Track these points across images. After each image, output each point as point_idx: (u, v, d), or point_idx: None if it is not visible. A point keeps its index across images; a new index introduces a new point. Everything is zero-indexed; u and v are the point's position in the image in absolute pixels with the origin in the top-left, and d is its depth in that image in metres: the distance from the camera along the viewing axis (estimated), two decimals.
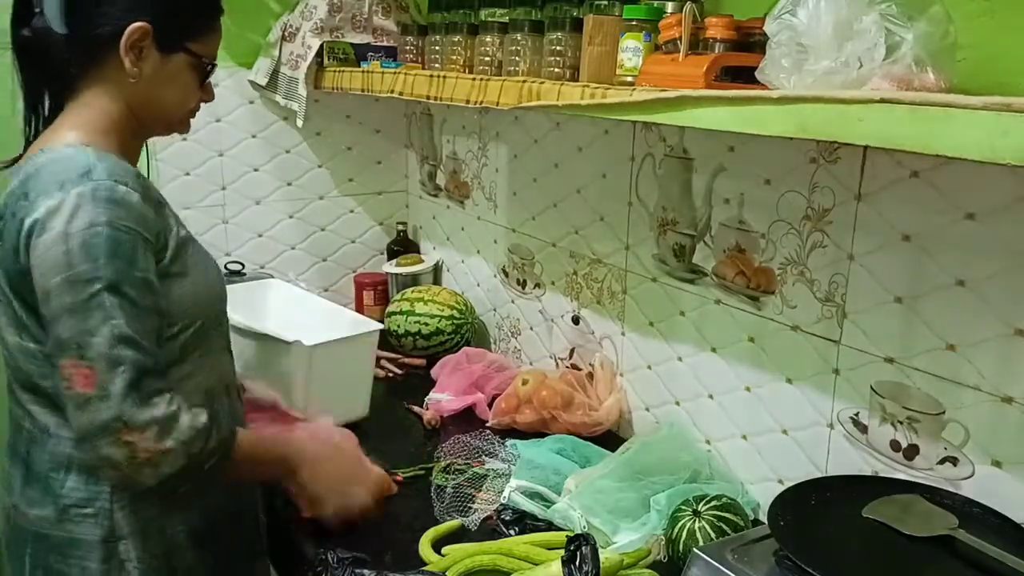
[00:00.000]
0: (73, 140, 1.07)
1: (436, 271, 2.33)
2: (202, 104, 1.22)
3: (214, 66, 1.18)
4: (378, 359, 1.90)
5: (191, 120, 1.23)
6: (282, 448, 1.22)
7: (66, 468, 1.10)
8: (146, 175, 1.24)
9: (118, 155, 1.09)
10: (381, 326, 1.77)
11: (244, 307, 1.51)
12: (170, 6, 1.11)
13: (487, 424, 1.70)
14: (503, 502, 1.39)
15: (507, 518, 1.37)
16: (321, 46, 1.99)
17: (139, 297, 1.01)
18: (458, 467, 1.51)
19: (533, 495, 1.39)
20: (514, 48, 1.41)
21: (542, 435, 1.63)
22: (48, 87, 1.15)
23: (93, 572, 1.10)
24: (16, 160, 1.14)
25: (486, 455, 1.54)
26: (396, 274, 2.26)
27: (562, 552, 1.26)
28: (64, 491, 1.10)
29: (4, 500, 1.16)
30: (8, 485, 1.15)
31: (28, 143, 1.15)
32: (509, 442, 1.57)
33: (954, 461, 1.14)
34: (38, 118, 1.16)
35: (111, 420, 0.97)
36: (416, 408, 1.78)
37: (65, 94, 1.12)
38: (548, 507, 1.37)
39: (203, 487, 1.13)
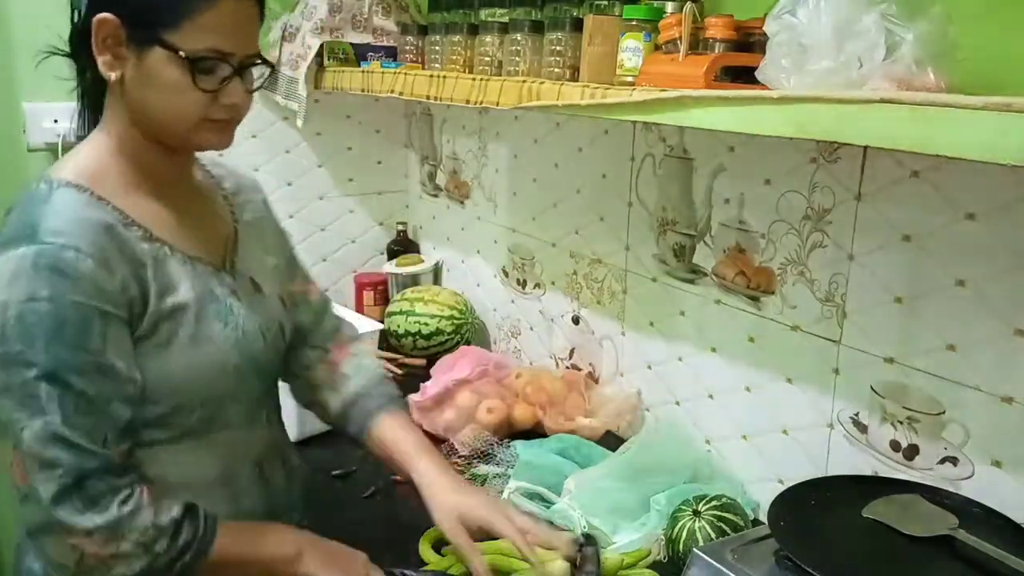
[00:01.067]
0: (62, 172, 0.94)
1: (436, 271, 2.33)
2: (241, 110, 0.98)
3: (208, 59, 0.92)
4: (378, 359, 1.90)
5: (228, 131, 0.99)
6: (278, 534, 1.03)
7: (33, 537, 0.96)
8: None
9: (129, 187, 0.95)
10: (381, 326, 1.78)
11: None
12: None
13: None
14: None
15: None
16: (321, 46, 1.99)
17: (87, 385, 0.86)
18: (458, 467, 1.51)
19: (533, 496, 1.39)
20: (514, 48, 1.41)
21: (544, 436, 1.63)
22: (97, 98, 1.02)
23: None
24: None
25: (486, 456, 1.54)
26: (396, 274, 2.26)
27: (562, 552, 1.26)
28: (24, 566, 0.99)
29: (15, 535, 1.05)
30: (19, 541, 1.04)
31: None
32: (509, 443, 1.57)
33: (954, 461, 1.14)
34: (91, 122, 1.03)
35: (46, 524, 0.86)
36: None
37: (98, 118, 1.01)
38: (548, 507, 1.37)
39: None
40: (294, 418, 1.63)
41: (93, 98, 1.02)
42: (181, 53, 0.91)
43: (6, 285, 0.85)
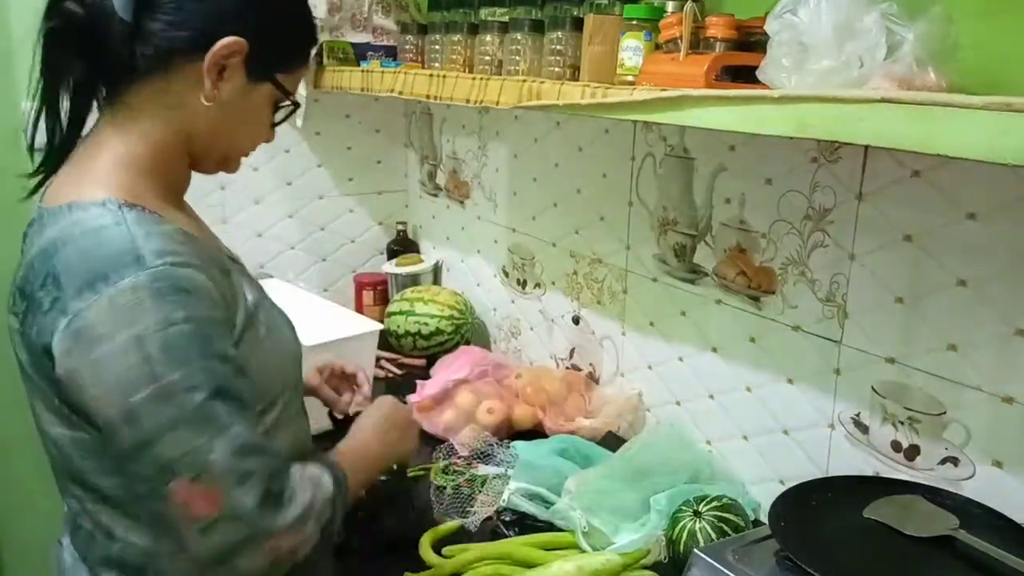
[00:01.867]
0: (104, 192, 0.85)
1: (436, 271, 2.33)
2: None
3: (297, 106, 0.99)
4: (378, 359, 1.90)
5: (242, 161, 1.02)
6: (373, 460, 1.09)
7: (119, 568, 0.93)
8: None
9: (161, 202, 0.90)
10: (381, 326, 1.77)
11: None
12: (273, 25, 0.92)
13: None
14: (502, 504, 1.38)
15: (507, 519, 1.37)
16: (321, 45, 1.99)
17: (242, 392, 0.85)
18: (458, 468, 1.51)
19: (533, 496, 1.39)
20: (514, 47, 1.41)
21: (544, 436, 1.63)
22: (89, 86, 0.92)
23: None
24: (37, 188, 0.93)
25: (486, 456, 1.54)
26: (396, 274, 2.26)
27: (562, 553, 1.26)
28: None
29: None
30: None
31: (54, 158, 0.93)
32: (509, 444, 1.57)
33: (955, 461, 1.14)
34: (61, 125, 0.92)
35: (250, 537, 0.83)
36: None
37: (110, 109, 0.91)
38: (548, 507, 1.36)
39: None
40: None
41: (79, 104, 0.92)
42: (290, 98, 0.96)
43: (129, 321, 0.78)
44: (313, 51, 1.02)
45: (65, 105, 0.92)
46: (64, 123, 0.92)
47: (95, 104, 0.93)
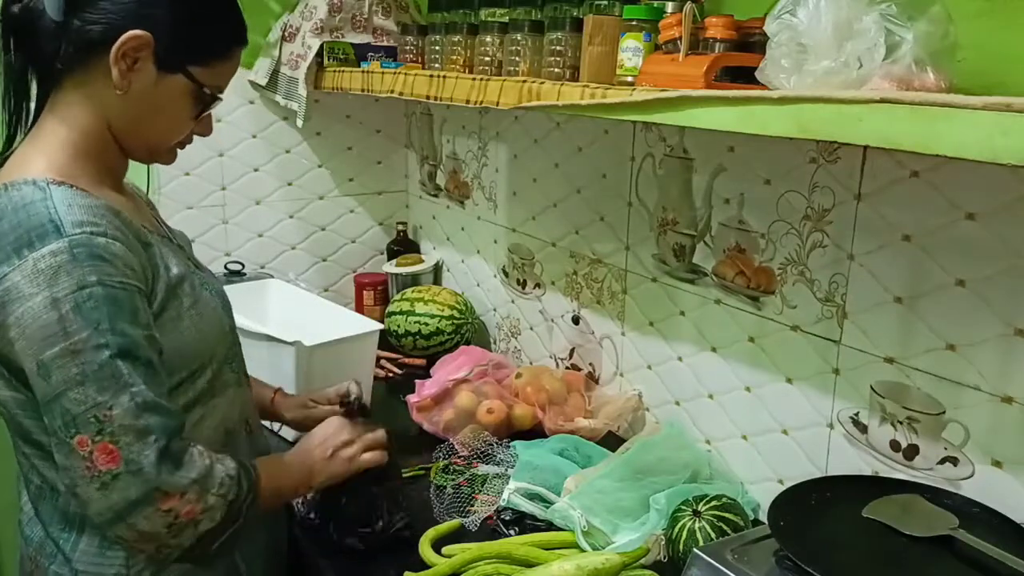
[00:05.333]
0: (38, 172, 0.94)
1: (436, 271, 2.33)
2: (204, 137, 1.11)
3: (217, 99, 1.05)
4: (378, 359, 1.90)
5: (178, 151, 1.10)
6: (299, 463, 1.15)
7: (78, 529, 1.01)
8: (146, 177, 1.19)
9: (95, 183, 0.98)
10: (381, 326, 1.77)
11: (244, 308, 1.51)
12: (180, 19, 0.98)
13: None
14: (502, 504, 1.39)
15: (507, 518, 1.37)
16: (321, 46, 1.99)
17: (150, 355, 0.93)
18: (458, 467, 1.51)
19: (533, 496, 1.39)
20: (514, 48, 1.41)
21: (544, 436, 1.63)
22: (35, 76, 1.02)
23: None
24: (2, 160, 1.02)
25: (486, 456, 1.54)
26: (396, 274, 2.26)
27: (562, 552, 1.26)
28: (76, 555, 1.01)
29: (24, 550, 1.08)
30: (27, 536, 1.07)
31: (9, 141, 1.03)
32: (509, 443, 1.57)
33: (954, 461, 1.14)
34: (22, 111, 1.03)
35: (148, 493, 0.89)
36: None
37: (49, 92, 1.01)
38: (548, 507, 1.37)
39: (223, 550, 1.05)
40: None
41: (19, 93, 1.02)
42: (206, 89, 1.02)
43: (48, 282, 0.87)
44: (238, 48, 1.06)
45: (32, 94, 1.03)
46: (11, 111, 1.03)
47: (32, 95, 1.03)
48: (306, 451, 1.17)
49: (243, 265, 2.17)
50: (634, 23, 1.16)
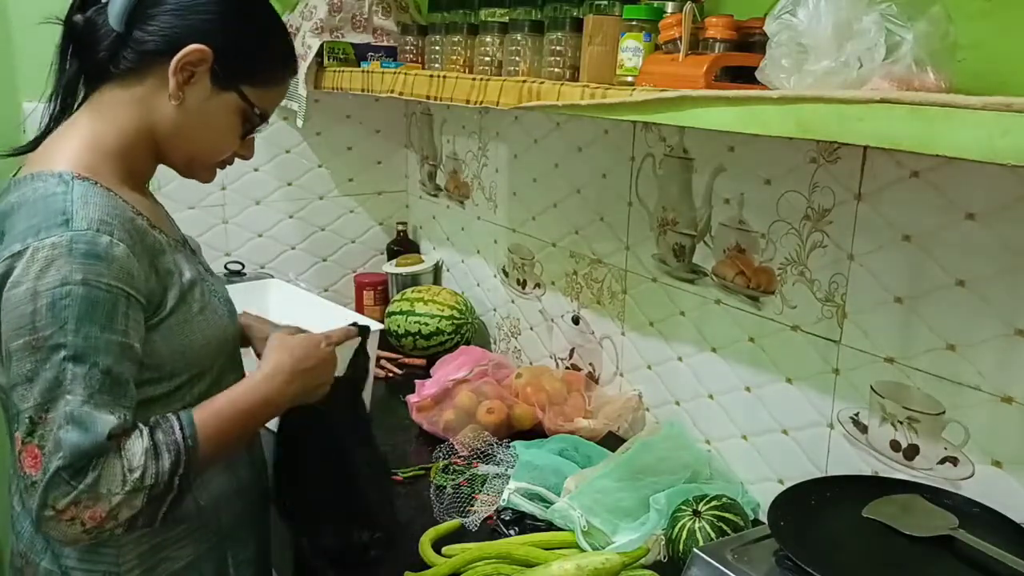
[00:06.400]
0: (64, 166, 0.95)
1: (436, 271, 2.33)
2: (246, 159, 1.12)
3: (264, 121, 1.08)
4: (378, 359, 1.90)
5: (217, 171, 1.11)
6: (253, 392, 1.05)
7: (40, 530, 0.97)
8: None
9: (119, 182, 0.99)
10: (381, 326, 1.77)
11: (244, 308, 1.51)
12: (239, 40, 1.02)
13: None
14: (502, 504, 1.39)
15: (507, 518, 1.37)
16: (321, 46, 1.99)
17: (113, 364, 0.90)
18: (458, 467, 1.51)
19: (532, 496, 1.39)
20: (514, 48, 1.41)
21: (544, 436, 1.63)
22: (84, 82, 1.05)
23: None
24: (27, 149, 1.04)
25: (486, 456, 1.54)
26: (396, 274, 2.26)
27: (562, 552, 1.26)
28: (66, 551, 1.01)
29: (15, 545, 1.08)
30: (17, 531, 1.07)
31: (40, 136, 1.05)
32: (509, 443, 1.57)
33: (954, 461, 1.14)
34: (65, 114, 1.05)
35: (43, 507, 0.88)
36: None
37: (93, 93, 1.03)
38: (548, 507, 1.37)
39: (218, 541, 1.08)
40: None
41: (67, 93, 1.05)
42: (256, 110, 1.05)
43: (38, 273, 0.88)
44: (289, 76, 1.11)
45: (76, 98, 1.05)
46: (53, 114, 1.05)
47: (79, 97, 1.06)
48: (259, 371, 1.09)
49: (243, 265, 2.17)
50: (634, 23, 1.16)
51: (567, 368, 1.87)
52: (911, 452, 1.19)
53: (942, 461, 1.15)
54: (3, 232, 0.93)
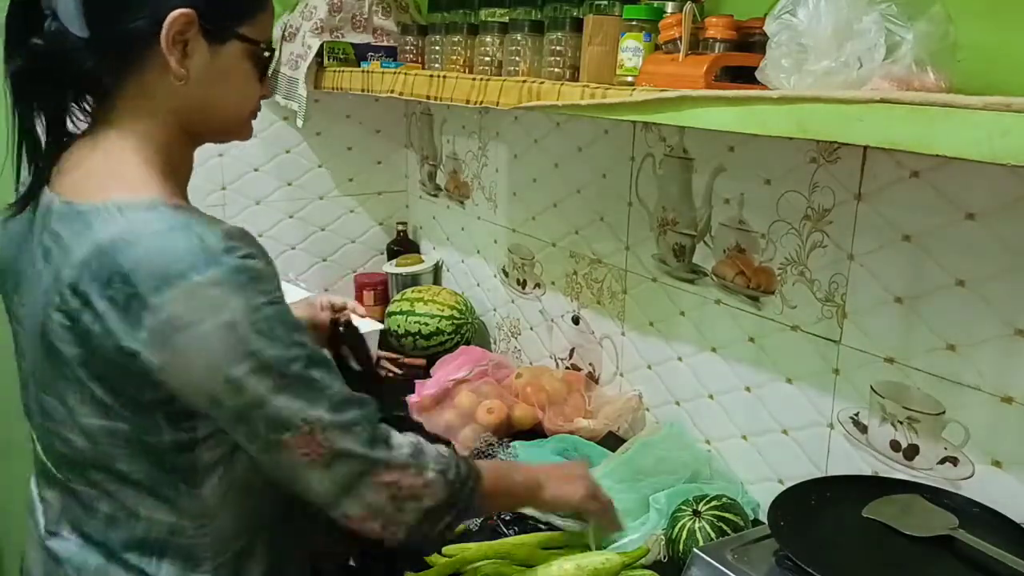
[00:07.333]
0: (146, 194, 0.88)
1: (436, 271, 2.33)
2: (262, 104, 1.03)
3: (273, 52, 0.99)
4: (378, 359, 1.90)
5: (252, 124, 1.03)
6: (527, 468, 1.14)
7: (159, 554, 0.96)
8: None
9: (182, 198, 0.94)
10: (381, 326, 1.77)
11: None
12: None
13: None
14: None
15: (507, 518, 1.37)
16: (321, 46, 1.99)
17: (328, 358, 0.92)
18: None
19: None
20: (514, 48, 1.41)
21: (544, 436, 1.63)
22: (67, 106, 0.95)
23: None
24: (25, 204, 0.93)
25: (486, 457, 1.54)
26: (396, 274, 2.26)
27: (562, 552, 1.26)
28: None
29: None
30: (77, 566, 0.98)
31: (34, 185, 0.93)
32: (509, 443, 1.57)
33: (954, 461, 1.14)
34: (39, 150, 0.94)
35: (366, 468, 0.89)
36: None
37: (102, 115, 0.93)
38: None
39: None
40: None
41: (55, 121, 0.94)
42: (261, 45, 0.96)
43: (215, 309, 0.82)
44: None
45: (40, 129, 0.94)
46: (44, 143, 0.94)
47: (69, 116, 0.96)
48: (540, 466, 1.19)
49: None
50: (634, 23, 1.16)
51: (567, 368, 1.87)
52: (911, 452, 1.19)
53: (942, 461, 1.15)
54: (117, 272, 0.82)
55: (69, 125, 0.96)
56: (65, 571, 0.99)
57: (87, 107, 0.96)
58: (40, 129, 0.94)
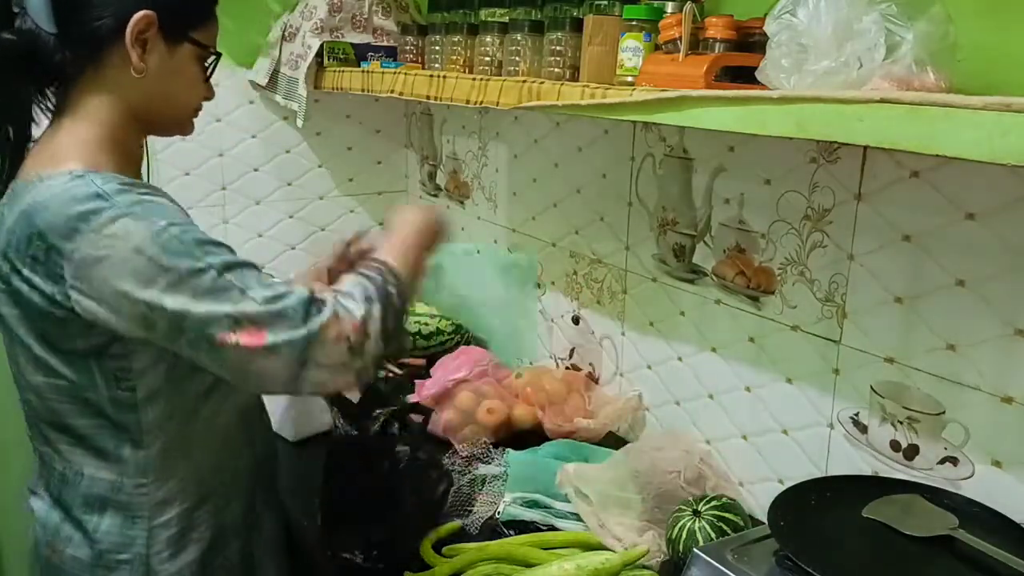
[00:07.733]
0: (75, 166, 0.96)
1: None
2: (204, 104, 1.14)
3: (219, 57, 1.11)
4: None
5: (194, 121, 1.15)
6: (396, 236, 1.11)
7: (100, 510, 1.05)
8: (146, 176, 1.21)
9: (119, 171, 1.01)
10: None
11: None
12: None
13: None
14: (499, 517, 1.38)
15: (507, 518, 1.37)
16: (321, 46, 1.99)
17: (245, 261, 0.95)
18: (457, 469, 1.51)
19: (531, 504, 1.39)
20: (514, 48, 1.41)
21: (544, 436, 1.63)
22: (37, 98, 1.05)
23: None
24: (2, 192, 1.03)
25: (482, 463, 1.54)
26: None
27: (562, 552, 1.26)
28: (99, 534, 1.05)
29: (39, 536, 1.10)
30: (43, 523, 1.10)
31: (7, 170, 1.04)
32: (504, 452, 1.56)
33: (954, 461, 1.14)
34: (18, 139, 1.04)
35: (312, 334, 0.91)
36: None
37: (60, 103, 1.04)
38: (548, 510, 1.37)
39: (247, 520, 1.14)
40: (290, 420, 1.64)
41: (10, 116, 1.03)
42: (210, 50, 1.08)
43: (126, 237, 0.90)
44: (217, 3, 1.11)
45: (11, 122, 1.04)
46: (12, 134, 1.04)
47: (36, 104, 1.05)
48: (400, 224, 1.14)
49: None
50: (634, 23, 1.16)
51: (567, 368, 1.87)
52: (911, 452, 1.19)
53: (942, 461, 1.15)
54: (34, 232, 0.92)
55: (41, 118, 1.06)
56: (35, 527, 1.11)
57: (50, 101, 1.05)
58: (10, 122, 1.04)
